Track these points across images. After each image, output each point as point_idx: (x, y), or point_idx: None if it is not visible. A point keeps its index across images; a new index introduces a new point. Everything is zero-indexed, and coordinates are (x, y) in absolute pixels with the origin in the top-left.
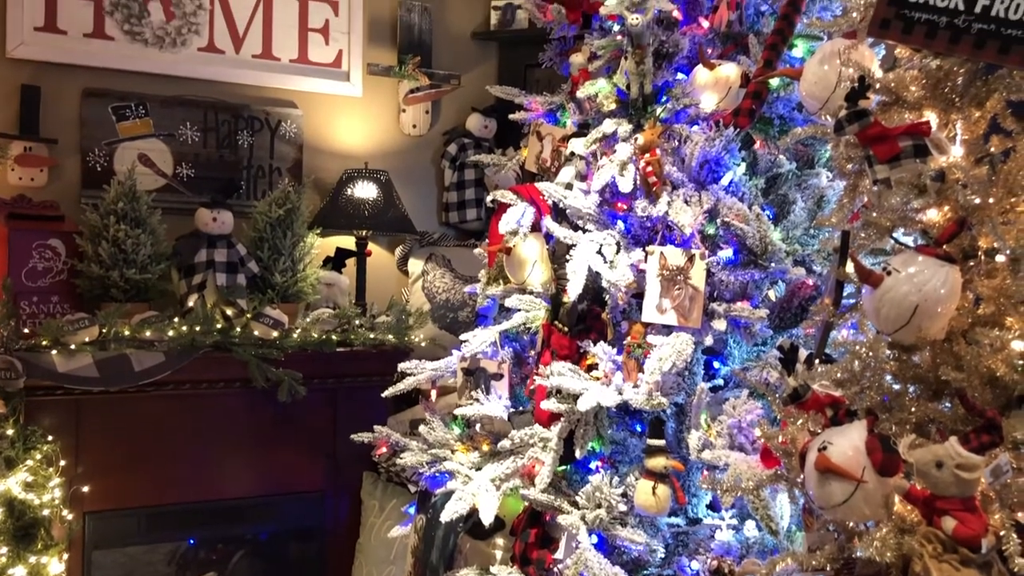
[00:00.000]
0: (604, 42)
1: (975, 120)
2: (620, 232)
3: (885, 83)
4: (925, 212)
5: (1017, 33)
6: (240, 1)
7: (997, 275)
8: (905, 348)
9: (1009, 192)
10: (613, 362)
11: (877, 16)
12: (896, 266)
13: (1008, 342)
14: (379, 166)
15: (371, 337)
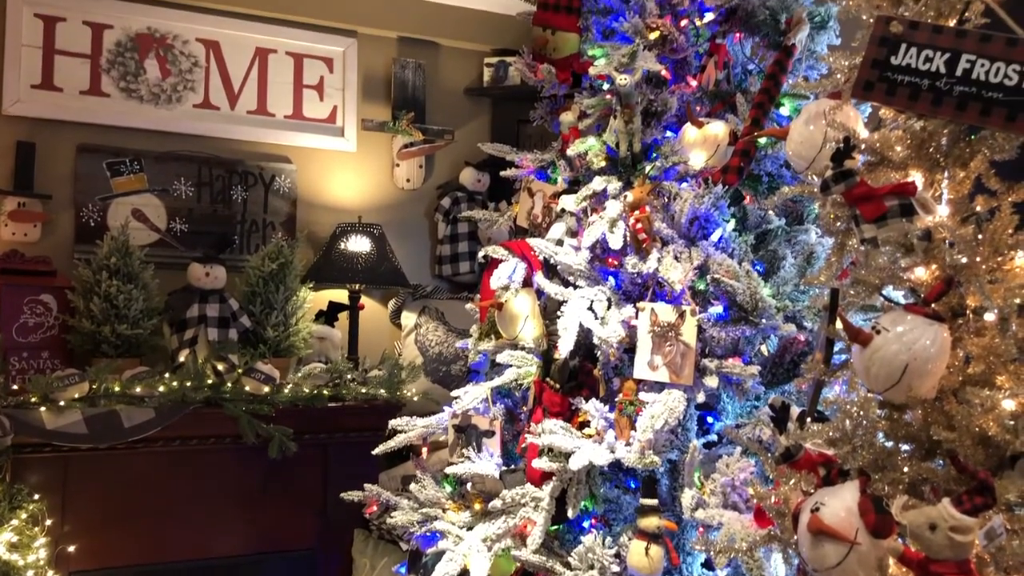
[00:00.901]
0: (594, 101)
1: (960, 180)
2: (611, 288)
3: (870, 143)
4: (913, 271)
5: (997, 96)
6: (236, 58)
7: (986, 334)
8: (896, 407)
9: (995, 251)
10: (605, 419)
11: (861, 78)
12: (885, 325)
13: (998, 401)
14: (373, 220)
15: (363, 392)
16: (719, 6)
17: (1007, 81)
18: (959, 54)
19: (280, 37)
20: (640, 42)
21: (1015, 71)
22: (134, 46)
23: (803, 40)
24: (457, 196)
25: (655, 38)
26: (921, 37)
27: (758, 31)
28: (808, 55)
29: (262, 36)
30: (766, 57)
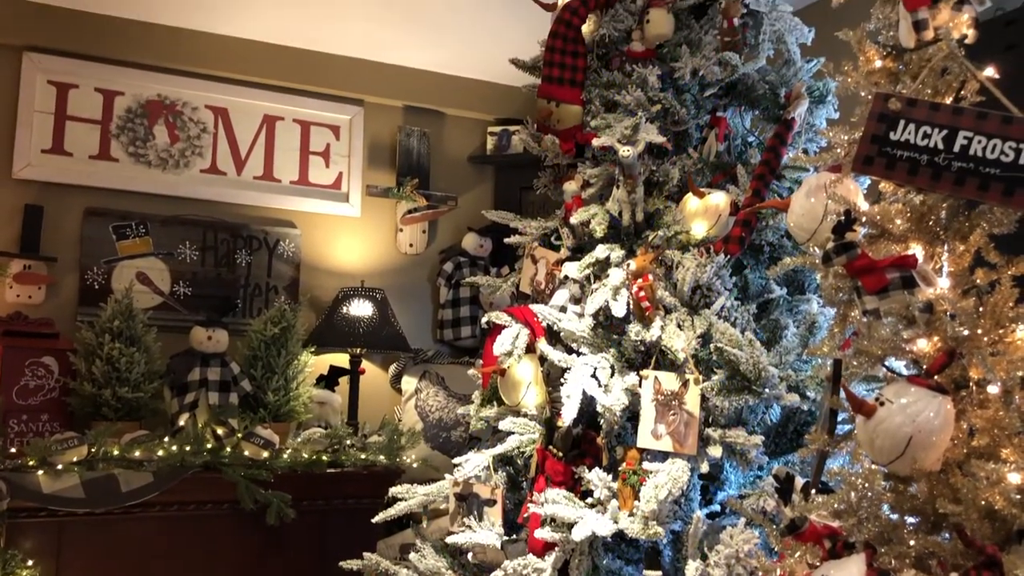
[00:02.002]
0: (597, 171)
1: (960, 253)
2: (614, 356)
3: (871, 216)
4: (915, 342)
5: (995, 171)
6: (244, 125)
7: (990, 406)
8: (901, 479)
9: (996, 324)
10: (608, 489)
11: (861, 153)
12: (889, 396)
13: (1004, 475)
14: (375, 284)
15: (362, 458)
16: (719, 80)
17: (1004, 157)
18: (956, 131)
19: (288, 105)
20: (642, 114)
21: (1011, 148)
22: (144, 112)
23: (802, 114)
24: (459, 261)
25: (657, 111)
26: (919, 114)
27: (758, 104)
28: (807, 128)
29: (270, 104)
30: (766, 130)
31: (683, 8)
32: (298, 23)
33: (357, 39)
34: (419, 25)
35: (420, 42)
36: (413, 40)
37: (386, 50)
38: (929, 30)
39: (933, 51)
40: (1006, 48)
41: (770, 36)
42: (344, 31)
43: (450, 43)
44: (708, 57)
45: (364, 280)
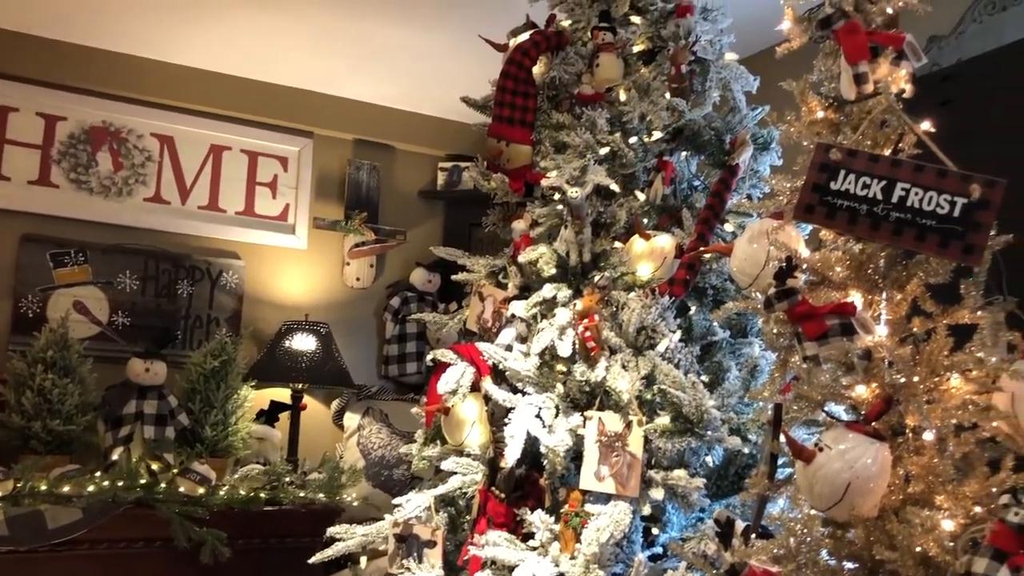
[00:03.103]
0: (545, 211)
1: (897, 302)
2: (559, 396)
3: (812, 263)
4: (854, 389)
5: (931, 223)
6: (190, 154)
7: (925, 453)
8: (839, 525)
9: (932, 372)
10: (550, 531)
11: (802, 201)
12: (828, 442)
13: (938, 522)
14: (320, 318)
15: (301, 495)
16: (666, 125)
17: (939, 210)
18: (895, 182)
19: (236, 135)
20: (591, 157)
21: (946, 200)
22: (87, 138)
23: (747, 160)
24: (407, 296)
25: (605, 153)
26: (859, 165)
27: (704, 150)
28: (752, 174)
29: (217, 133)
30: (711, 174)
31: (632, 53)
32: (247, 53)
33: (307, 71)
34: (371, 60)
35: (371, 76)
36: (364, 74)
37: (337, 83)
38: (869, 83)
39: (873, 104)
40: (942, 103)
41: (716, 83)
42: (294, 63)
43: (402, 79)
44: (656, 102)
45: (308, 314)
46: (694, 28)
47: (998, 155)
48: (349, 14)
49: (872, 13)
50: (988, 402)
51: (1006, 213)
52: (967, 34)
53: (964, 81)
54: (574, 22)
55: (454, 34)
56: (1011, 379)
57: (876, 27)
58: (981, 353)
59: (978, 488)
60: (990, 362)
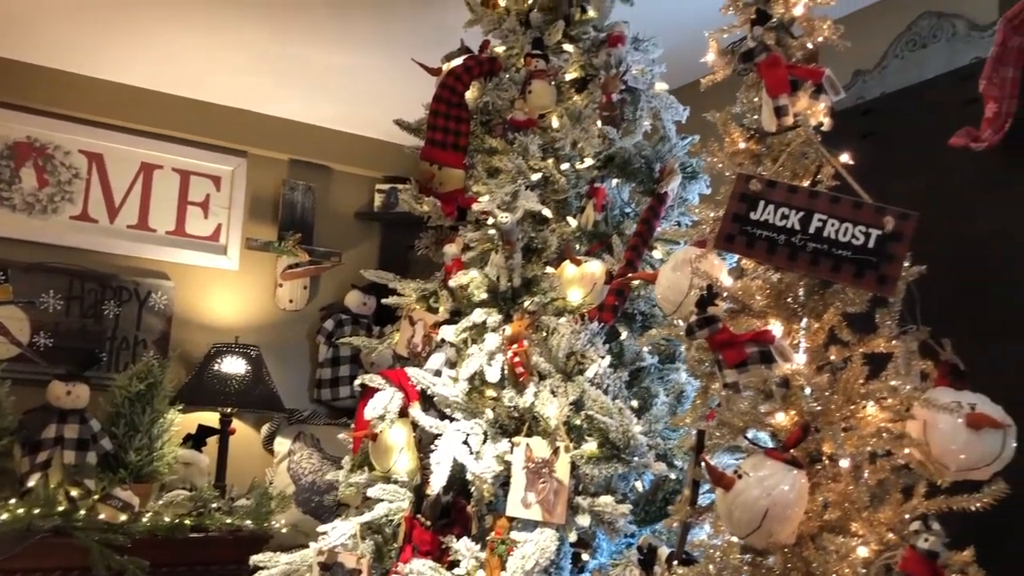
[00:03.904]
0: (476, 235)
1: (815, 330)
2: (488, 422)
3: (733, 292)
4: (774, 416)
5: (846, 254)
6: (119, 172)
7: (841, 480)
8: (758, 552)
9: (848, 400)
10: (476, 559)
11: (723, 230)
12: (747, 469)
13: (853, 548)
14: (251, 341)
15: (228, 522)
16: (597, 153)
17: (855, 241)
18: (812, 213)
19: (167, 153)
20: (522, 182)
21: (861, 232)
22: (11, 154)
23: (675, 189)
24: (341, 319)
25: (537, 179)
26: (778, 196)
27: (634, 177)
28: (680, 203)
29: (148, 151)
30: (642, 202)
31: (565, 81)
32: (180, 71)
33: (242, 90)
34: (307, 81)
35: (308, 97)
36: (300, 94)
37: (272, 102)
38: (789, 116)
39: (792, 136)
40: (863, 136)
41: (647, 112)
42: (229, 82)
43: (339, 99)
44: (588, 129)
45: (239, 336)
46: (625, 58)
47: (916, 187)
48: (284, 35)
49: (793, 47)
50: (902, 430)
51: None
52: (890, 69)
53: (884, 114)
54: (508, 48)
55: (391, 56)
56: (923, 407)
57: (797, 61)
58: (895, 381)
59: (892, 515)
60: (903, 390)
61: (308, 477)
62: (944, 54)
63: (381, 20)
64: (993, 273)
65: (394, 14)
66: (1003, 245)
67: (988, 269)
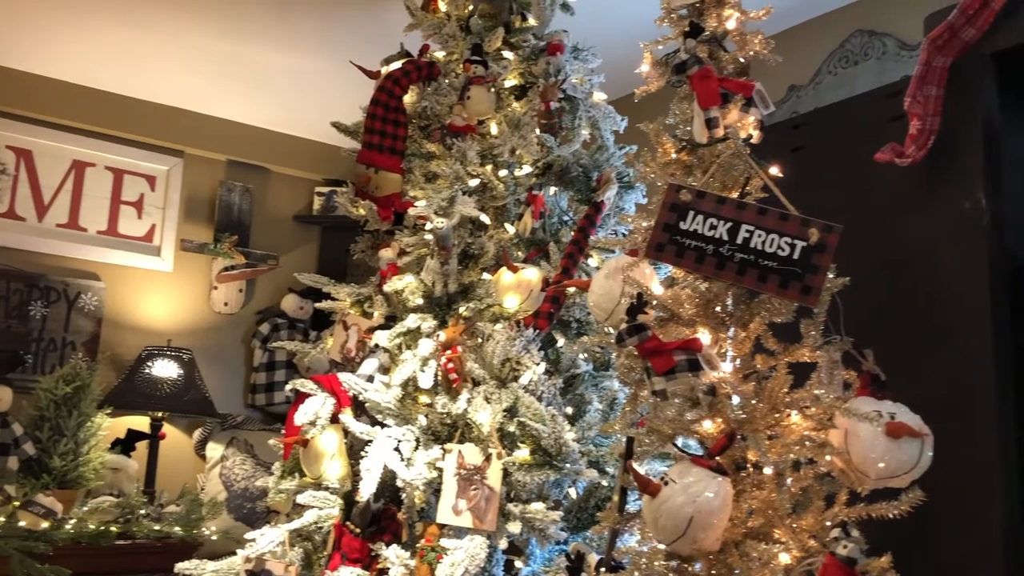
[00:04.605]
0: (412, 240)
1: (741, 339)
2: (421, 428)
3: (662, 300)
4: (701, 423)
5: (772, 264)
6: (49, 169)
7: (765, 487)
8: (683, 559)
9: (773, 408)
10: (405, 566)
11: (653, 240)
12: (673, 477)
13: (775, 555)
14: (184, 344)
15: (156, 529)
16: (535, 160)
17: (780, 251)
18: (739, 224)
19: (100, 151)
20: (458, 187)
21: (787, 243)
22: None
23: (611, 197)
24: (277, 323)
25: (476, 185)
26: (707, 206)
27: (572, 186)
28: (617, 212)
29: (80, 148)
30: (580, 210)
31: (504, 88)
32: (115, 68)
33: (179, 89)
34: (245, 81)
35: (246, 97)
36: (239, 95)
37: (210, 102)
38: (720, 128)
39: (722, 148)
40: (793, 149)
41: (586, 121)
42: (165, 80)
43: (278, 100)
44: (526, 137)
45: (171, 339)
46: (564, 66)
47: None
48: (225, 34)
49: (725, 61)
50: (824, 438)
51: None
52: (823, 85)
53: (814, 128)
54: (448, 54)
55: (332, 58)
56: (844, 416)
57: (728, 74)
58: (818, 391)
59: (813, 522)
60: (826, 399)
61: (241, 483)
62: (875, 71)
63: (324, 22)
64: (917, 285)
65: (337, 16)
66: (926, 258)
67: (912, 281)
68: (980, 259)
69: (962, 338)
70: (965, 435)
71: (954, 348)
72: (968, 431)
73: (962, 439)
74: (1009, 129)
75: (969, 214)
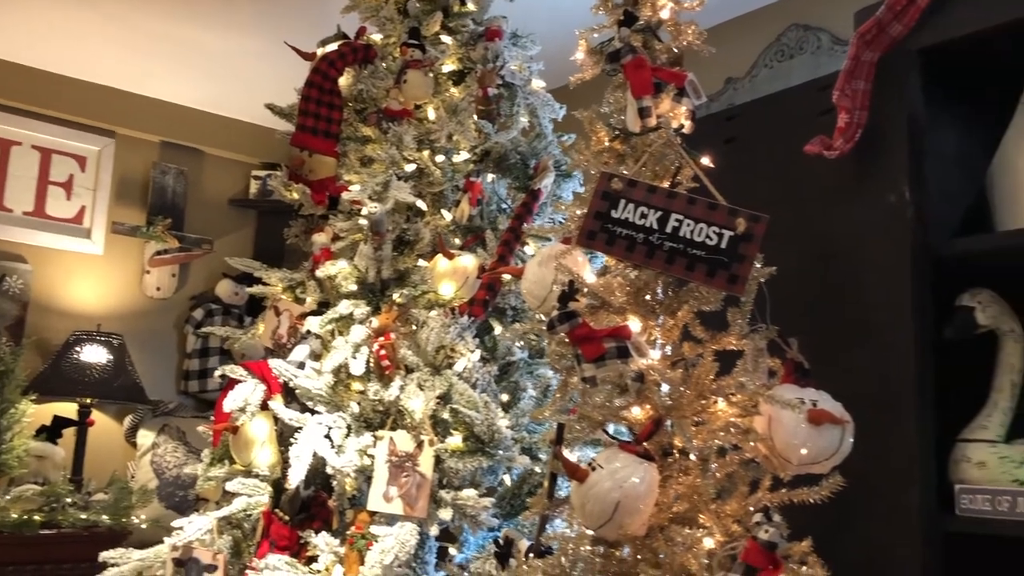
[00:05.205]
0: (346, 225)
1: (670, 327)
2: (353, 415)
3: (594, 288)
4: (630, 410)
5: (700, 253)
6: None
7: (691, 473)
8: (610, 544)
9: (699, 395)
10: (335, 554)
11: (585, 228)
12: (600, 462)
13: (699, 540)
14: (115, 328)
15: (83, 518)
16: (473, 147)
17: (708, 241)
18: (669, 213)
19: (27, 129)
20: (392, 172)
21: (715, 232)
22: None
23: (548, 186)
24: (211, 308)
25: (412, 170)
26: (638, 195)
27: (509, 173)
28: (554, 200)
29: (5, 126)
30: (517, 198)
31: (442, 73)
32: (42, 44)
33: (111, 67)
34: (180, 61)
35: (181, 77)
36: (173, 74)
37: (143, 82)
38: (652, 117)
39: (655, 137)
40: (726, 141)
41: (524, 109)
42: (97, 58)
43: (214, 81)
44: (463, 123)
45: (101, 324)
46: (503, 53)
47: (773, 192)
48: (157, 13)
49: (658, 50)
50: (749, 425)
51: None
52: (759, 77)
53: (747, 121)
54: (385, 37)
55: (270, 38)
56: (768, 403)
57: (662, 64)
58: (744, 378)
59: (737, 507)
60: (751, 387)
61: (172, 471)
62: (809, 65)
63: (261, 1)
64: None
65: None
66: (854, 250)
67: (840, 272)
68: (903, 252)
69: (885, 330)
70: (887, 424)
71: (878, 339)
72: (890, 421)
73: (884, 428)
74: (934, 124)
75: (894, 207)
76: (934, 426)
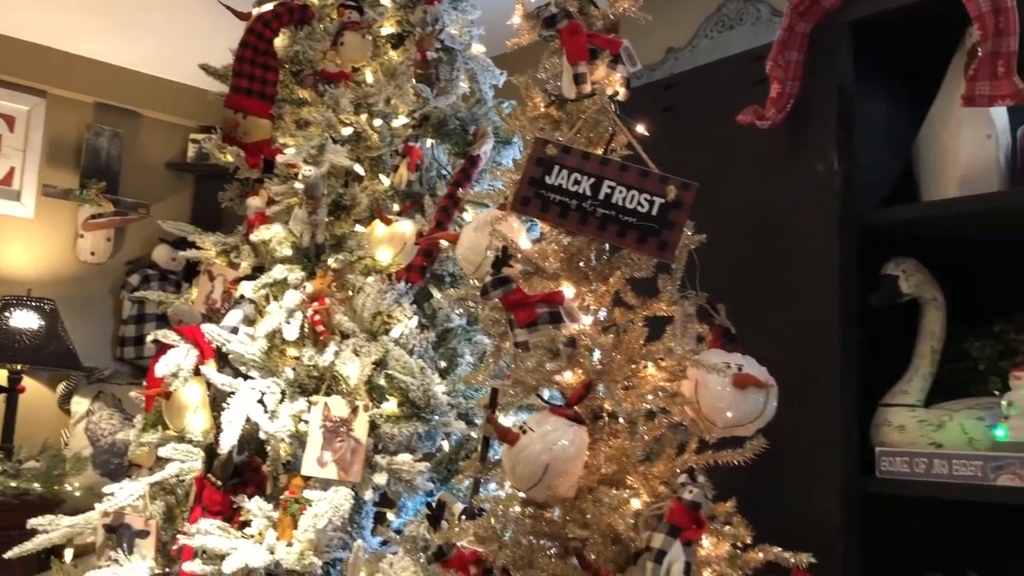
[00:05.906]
0: (281, 189)
1: (602, 293)
2: (287, 381)
3: (528, 254)
4: (562, 374)
5: (631, 220)
6: None
7: (620, 436)
8: (540, 505)
9: (630, 360)
10: (268, 518)
11: (519, 193)
12: (531, 426)
13: (625, 500)
14: (46, 294)
15: (13, 486)
16: (411, 111)
17: (640, 208)
18: (602, 180)
19: None
20: (328, 135)
21: (646, 199)
22: None
23: (487, 152)
24: (148, 274)
25: (349, 134)
26: (571, 161)
27: (449, 139)
28: (494, 166)
29: None
30: (456, 164)
31: (381, 36)
32: None
33: (41, 24)
34: (115, 18)
35: (116, 36)
36: (108, 33)
37: (76, 40)
38: (587, 84)
39: (589, 104)
40: (663, 109)
41: (464, 74)
42: (27, 14)
43: (151, 40)
44: (402, 86)
45: (32, 288)
46: (442, 16)
47: (707, 160)
48: None
49: (594, 16)
50: (676, 389)
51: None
52: (700, 48)
53: (683, 90)
54: None
55: None
56: (695, 368)
57: (598, 31)
58: (673, 343)
59: (664, 469)
60: (679, 352)
61: (107, 438)
62: (748, 36)
63: None
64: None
65: None
66: (785, 218)
67: (771, 240)
68: (831, 221)
69: (812, 296)
70: (811, 389)
71: (804, 306)
72: (814, 385)
73: (808, 393)
74: (863, 95)
75: (822, 177)
76: (857, 391)
